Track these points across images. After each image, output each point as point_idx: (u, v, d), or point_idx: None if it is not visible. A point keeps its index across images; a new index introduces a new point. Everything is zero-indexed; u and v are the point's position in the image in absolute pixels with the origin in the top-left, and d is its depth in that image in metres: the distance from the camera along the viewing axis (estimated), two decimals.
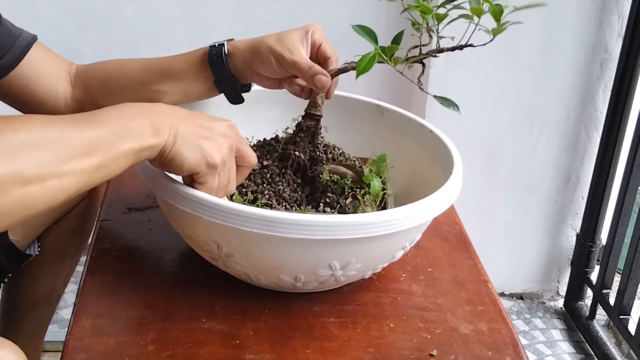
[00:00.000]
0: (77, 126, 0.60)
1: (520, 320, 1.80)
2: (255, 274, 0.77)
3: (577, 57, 1.60)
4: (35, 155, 0.56)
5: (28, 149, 0.55)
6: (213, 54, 0.85)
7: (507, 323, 0.81)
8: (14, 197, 0.54)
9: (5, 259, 1.03)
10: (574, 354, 1.69)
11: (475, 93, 1.61)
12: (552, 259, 1.84)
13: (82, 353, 0.71)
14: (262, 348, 0.74)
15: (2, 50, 0.85)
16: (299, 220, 0.69)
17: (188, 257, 0.87)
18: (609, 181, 1.66)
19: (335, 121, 0.93)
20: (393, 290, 0.85)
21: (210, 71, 0.85)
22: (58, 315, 1.58)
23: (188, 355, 0.72)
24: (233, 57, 0.85)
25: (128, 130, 0.64)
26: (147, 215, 0.96)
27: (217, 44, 0.85)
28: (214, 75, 0.85)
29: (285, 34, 0.83)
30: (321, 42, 0.83)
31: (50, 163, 0.56)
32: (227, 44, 0.85)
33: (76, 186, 0.59)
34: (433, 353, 0.76)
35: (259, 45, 0.83)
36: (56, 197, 0.57)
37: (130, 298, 0.80)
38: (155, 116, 0.66)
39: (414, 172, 0.93)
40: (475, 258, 0.93)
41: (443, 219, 0.98)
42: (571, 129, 1.67)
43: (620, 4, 1.55)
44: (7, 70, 0.86)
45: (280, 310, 0.80)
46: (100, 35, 1.58)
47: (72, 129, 0.60)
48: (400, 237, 0.75)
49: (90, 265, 0.85)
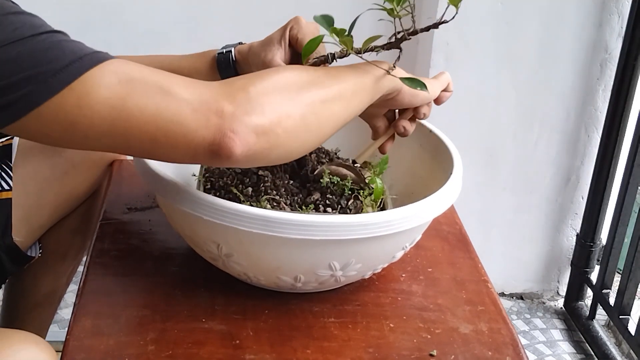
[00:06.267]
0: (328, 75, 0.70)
1: (520, 320, 1.80)
2: (255, 274, 0.77)
3: (577, 57, 1.60)
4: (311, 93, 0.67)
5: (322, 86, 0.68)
6: (221, 61, 0.85)
7: (507, 323, 0.81)
8: (296, 123, 0.65)
9: (8, 260, 1.03)
10: (574, 354, 1.69)
11: (475, 93, 1.61)
12: (552, 259, 1.84)
13: (82, 353, 0.71)
14: (262, 348, 0.74)
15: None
16: (299, 220, 0.69)
17: (188, 257, 0.87)
18: (609, 181, 1.66)
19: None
20: (393, 290, 0.85)
21: (220, 78, 0.85)
22: (58, 315, 1.58)
23: (188, 355, 0.72)
24: (240, 63, 0.85)
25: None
26: (147, 215, 0.96)
27: (225, 51, 0.85)
28: None
29: (270, 37, 0.83)
30: (298, 37, 0.82)
31: (332, 91, 0.68)
32: (235, 49, 0.85)
33: (339, 113, 0.70)
34: (433, 353, 0.76)
35: (250, 49, 0.84)
36: (326, 122, 0.69)
37: (130, 298, 0.80)
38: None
39: (414, 173, 0.93)
40: (475, 258, 0.93)
41: (443, 219, 0.98)
42: (571, 129, 1.67)
43: (620, 4, 1.55)
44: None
45: (280, 310, 0.80)
46: (100, 35, 1.57)
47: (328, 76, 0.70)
48: (400, 237, 0.75)
49: (90, 265, 0.85)
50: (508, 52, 1.58)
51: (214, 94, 0.61)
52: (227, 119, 0.60)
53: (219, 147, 0.60)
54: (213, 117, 0.60)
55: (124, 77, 0.59)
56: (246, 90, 0.62)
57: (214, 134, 0.60)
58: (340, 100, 0.69)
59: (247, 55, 0.84)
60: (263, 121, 0.61)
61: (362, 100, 0.72)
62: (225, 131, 0.60)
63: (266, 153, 0.63)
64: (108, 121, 0.59)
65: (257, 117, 0.61)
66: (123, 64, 0.60)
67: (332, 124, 0.69)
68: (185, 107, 0.59)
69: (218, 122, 0.60)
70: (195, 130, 0.60)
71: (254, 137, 0.61)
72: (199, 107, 0.60)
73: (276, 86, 0.64)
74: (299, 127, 0.65)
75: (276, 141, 0.63)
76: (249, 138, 0.60)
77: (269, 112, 0.62)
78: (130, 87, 0.59)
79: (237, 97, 0.61)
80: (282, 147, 0.64)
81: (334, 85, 0.69)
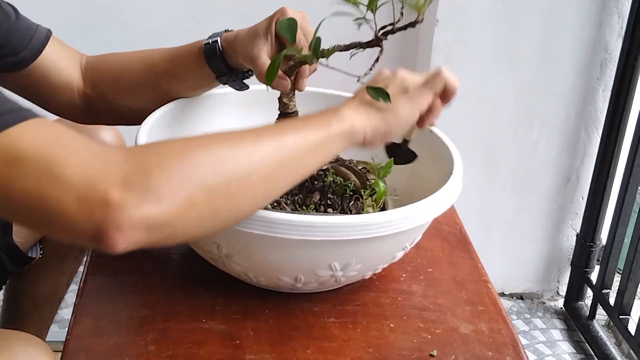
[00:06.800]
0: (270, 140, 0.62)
1: (520, 320, 1.80)
2: (255, 274, 0.77)
3: (577, 57, 1.60)
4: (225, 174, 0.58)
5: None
6: (208, 52, 0.85)
7: (507, 323, 0.81)
8: (202, 211, 0.57)
9: (9, 261, 1.03)
10: (574, 354, 1.69)
11: (475, 93, 1.61)
12: (552, 259, 1.84)
13: (82, 353, 0.71)
14: (262, 348, 0.74)
15: (22, 43, 0.86)
16: (299, 221, 0.69)
17: (188, 257, 0.87)
18: (609, 181, 1.66)
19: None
20: (393, 290, 0.85)
21: (209, 68, 0.85)
22: (58, 315, 1.58)
23: (188, 355, 0.72)
24: (227, 52, 0.85)
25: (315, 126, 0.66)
26: None
27: (212, 41, 0.85)
28: (214, 72, 0.86)
29: (255, 28, 0.81)
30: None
31: (253, 165, 0.60)
32: (221, 39, 0.85)
33: (296, 173, 0.64)
34: (433, 353, 0.76)
35: (236, 40, 0.83)
36: (241, 205, 0.60)
37: (130, 298, 0.80)
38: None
39: (415, 173, 0.92)
40: (475, 258, 0.93)
41: (443, 219, 0.98)
42: (571, 129, 1.67)
43: (620, 4, 1.54)
44: (27, 64, 0.87)
45: (280, 310, 0.80)
46: (100, 35, 1.57)
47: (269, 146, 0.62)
48: (400, 237, 0.75)
49: (90, 266, 0.85)
50: (508, 52, 1.57)
51: (108, 175, 0.54)
52: (113, 211, 0.52)
53: (99, 242, 0.54)
54: (98, 209, 0.53)
55: (12, 156, 0.54)
56: (147, 173, 0.54)
57: (96, 229, 0.53)
58: (267, 175, 0.60)
59: (233, 45, 0.84)
60: (157, 212, 0.54)
61: (302, 166, 0.64)
62: (108, 227, 0.53)
63: (161, 243, 0.57)
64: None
65: (150, 209, 0.53)
66: (22, 133, 0.55)
67: (252, 202, 0.61)
68: (68, 196, 0.53)
69: (102, 215, 0.52)
70: (77, 222, 0.53)
71: (143, 233, 0.54)
72: (84, 194, 0.53)
73: (185, 166, 0.56)
74: (204, 214, 0.57)
75: (172, 232, 0.56)
76: (135, 235, 0.54)
77: (167, 201, 0.54)
78: (15, 171, 0.54)
79: (133, 183, 0.53)
80: (181, 236, 0.58)
81: (256, 158, 0.60)
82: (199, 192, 0.56)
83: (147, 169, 0.54)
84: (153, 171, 0.54)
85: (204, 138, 0.59)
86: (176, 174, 0.55)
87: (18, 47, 0.86)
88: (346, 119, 0.67)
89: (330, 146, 0.66)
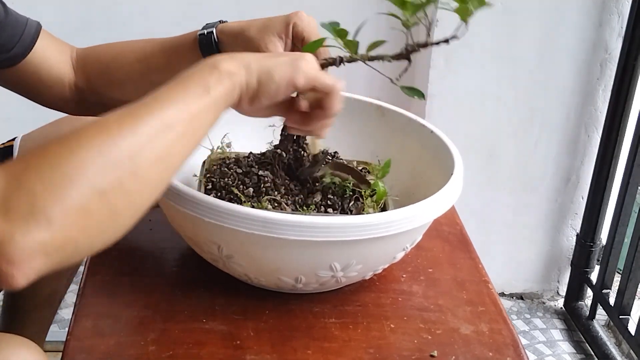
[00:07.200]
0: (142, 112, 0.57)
1: (520, 320, 1.80)
2: (256, 275, 0.77)
3: (577, 57, 1.60)
4: (117, 166, 0.53)
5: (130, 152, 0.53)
6: (203, 43, 0.83)
7: (507, 323, 0.81)
8: (101, 216, 0.52)
9: None
10: (574, 354, 1.69)
11: (475, 93, 1.61)
12: (552, 259, 1.84)
13: (82, 353, 0.71)
14: (263, 348, 0.74)
15: (13, 40, 0.85)
16: (299, 222, 0.69)
17: (188, 257, 0.87)
18: (609, 181, 1.65)
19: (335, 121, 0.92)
20: (394, 290, 0.85)
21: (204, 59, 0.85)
22: (58, 316, 1.58)
23: (189, 355, 0.72)
24: (224, 43, 0.83)
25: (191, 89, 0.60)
26: (147, 215, 0.94)
27: (207, 32, 0.84)
28: None
29: (267, 24, 0.80)
30: (304, 35, 0.79)
31: (130, 165, 0.53)
32: (216, 30, 0.83)
33: (187, 148, 0.58)
34: (434, 354, 0.76)
35: (243, 33, 0.81)
36: (142, 193, 0.56)
37: (130, 298, 0.80)
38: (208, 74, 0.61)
39: (415, 173, 0.92)
40: (476, 258, 0.93)
41: (443, 219, 0.98)
42: (571, 129, 1.67)
43: (620, 4, 1.54)
44: (19, 59, 0.86)
45: (281, 310, 0.80)
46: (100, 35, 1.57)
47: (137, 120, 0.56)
48: (401, 238, 0.75)
49: (91, 266, 0.85)
50: (508, 52, 1.57)
51: None
52: (1, 246, 0.47)
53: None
54: None
55: None
56: (30, 190, 0.48)
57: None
58: (157, 159, 0.55)
59: (237, 37, 0.82)
60: (51, 234, 0.48)
61: (190, 140, 0.59)
62: (0, 264, 0.47)
63: (66, 262, 0.51)
64: None
65: (43, 232, 0.48)
66: None
67: (149, 190, 0.56)
68: None
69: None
70: None
71: (41, 260, 0.48)
72: None
73: (69, 170, 0.50)
74: (104, 219, 0.52)
75: (75, 249, 0.51)
76: (33, 264, 0.48)
77: (59, 219, 0.48)
78: None
79: (17, 206, 0.47)
80: (87, 249, 0.53)
81: (141, 144, 0.54)
82: (91, 198, 0.50)
83: (27, 188, 0.48)
84: (35, 189, 0.48)
85: (80, 135, 0.52)
86: (61, 186, 0.49)
87: (8, 44, 0.84)
88: (224, 75, 0.61)
89: (215, 111, 0.61)
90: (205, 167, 0.86)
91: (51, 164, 0.50)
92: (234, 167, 0.85)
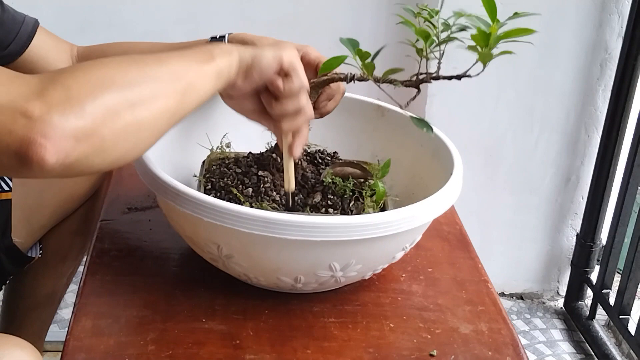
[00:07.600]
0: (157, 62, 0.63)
1: (520, 320, 1.80)
2: (255, 275, 0.77)
3: (577, 57, 1.60)
4: (140, 86, 0.59)
5: (132, 83, 0.58)
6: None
7: (507, 323, 0.81)
8: (126, 121, 0.56)
9: (7, 261, 1.03)
10: (574, 354, 1.69)
11: (475, 93, 1.61)
12: (552, 259, 1.84)
13: (82, 353, 0.71)
14: (262, 348, 0.74)
15: (10, 37, 0.85)
16: (299, 221, 0.69)
17: (188, 257, 0.87)
18: (609, 181, 1.65)
19: (335, 121, 0.93)
20: (393, 290, 0.85)
21: None
22: (58, 315, 1.58)
23: (188, 355, 0.72)
24: None
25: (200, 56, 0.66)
26: (147, 215, 0.96)
27: (219, 36, 0.84)
28: None
29: (278, 44, 0.79)
30: (319, 60, 0.81)
31: (151, 89, 0.59)
32: (228, 37, 0.84)
33: (174, 107, 0.62)
34: (433, 353, 0.76)
35: (254, 44, 0.82)
36: (160, 117, 0.60)
37: (130, 298, 0.80)
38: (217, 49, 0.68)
39: (415, 173, 0.92)
40: (475, 258, 0.93)
41: (443, 219, 0.98)
42: (571, 129, 1.67)
43: (620, 4, 1.54)
44: (15, 57, 0.86)
45: (281, 310, 0.80)
46: (100, 35, 1.57)
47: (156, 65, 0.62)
48: (400, 238, 0.75)
49: (90, 266, 0.85)
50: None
51: (26, 90, 0.52)
52: (38, 121, 0.51)
53: (26, 155, 0.51)
54: (20, 120, 0.51)
55: None
56: (65, 85, 0.54)
57: (21, 140, 0.51)
58: (176, 90, 0.62)
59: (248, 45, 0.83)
60: (83, 122, 0.53)
61: (205, 86, 0.65)
62: (35, 136, 0.51)
63: (90, 160, 0.55)
64: None
65: (75, 118, 0.52)
66: None
67: (169, 117, 0.61)
68: None
69: (26, 125, 0.51)
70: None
71: (72, 142, 0.52)
72: (3, 108, 0.51)
73: (101, 78, 0.56)
74: (130, 126, 0.57)
75: (101, 145, 0.55)
76: (65, 144, 0.52)
77: (90, 110, 0.53)
78: None
79: (53, 94, 0.52)
80: (110, 152, 0.56)
81: (165, 74, 0.61)
82: (121, 103, 0.56)
83: (62, 83, 0.54)
84: (70, 84, 0.54)
85: (113, 59, 0.60)
86: (95, 86, 0.55)
87: (5, 41, 0.84)
88: (225, 52, 0.68)
89: (217, 79, 0.67)
90: (204, 167, 0.86)
91: (84, 71, 0.56)
92: (233, 167, 0.85)
